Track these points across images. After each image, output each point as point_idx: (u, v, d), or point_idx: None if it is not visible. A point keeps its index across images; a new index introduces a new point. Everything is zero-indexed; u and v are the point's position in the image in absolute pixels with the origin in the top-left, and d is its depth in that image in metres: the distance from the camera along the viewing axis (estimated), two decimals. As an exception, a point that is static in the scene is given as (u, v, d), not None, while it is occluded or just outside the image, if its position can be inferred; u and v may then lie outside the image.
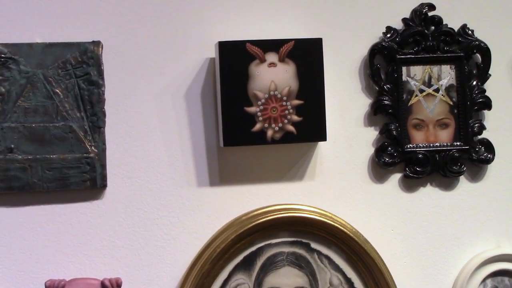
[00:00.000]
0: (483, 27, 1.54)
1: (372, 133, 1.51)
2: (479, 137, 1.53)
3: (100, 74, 1.39)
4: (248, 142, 1.41)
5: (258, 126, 1.40)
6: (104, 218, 1.41)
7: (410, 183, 1.52)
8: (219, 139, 1.44)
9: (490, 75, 1.53)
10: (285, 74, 1.42)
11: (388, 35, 1.51)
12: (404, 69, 1.52)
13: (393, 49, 1.50)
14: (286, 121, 1.41)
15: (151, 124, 1.43)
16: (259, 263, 1.43)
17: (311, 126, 1.42)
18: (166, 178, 1.44)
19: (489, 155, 1.53)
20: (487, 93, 1.53)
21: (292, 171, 1.48)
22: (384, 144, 1.50)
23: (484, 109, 1.53)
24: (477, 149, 1.53)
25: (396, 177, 1.51)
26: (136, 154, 1.43)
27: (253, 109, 1.40)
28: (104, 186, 1.40)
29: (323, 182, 1.49)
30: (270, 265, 1.43)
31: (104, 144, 1.40)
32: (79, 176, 1.38)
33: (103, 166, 1.39)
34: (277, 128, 1.41)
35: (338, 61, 1.50)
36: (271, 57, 1.41)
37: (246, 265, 1.42)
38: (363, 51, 1.51)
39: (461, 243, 1.53)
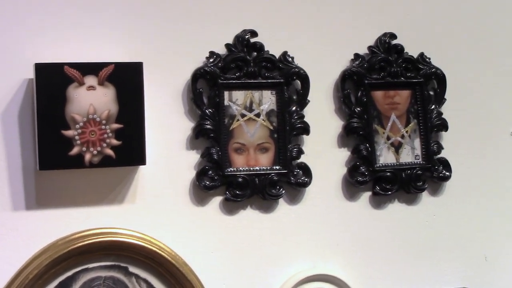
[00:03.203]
0: (303, 54, 1.59)
1: (193, 157, 1.53)
2: (298, 161, 1.58)
3: None
4: (65, 165, 1.39)
5: (75, 150, 1.39)
6: None
7: (231, 206, 1.55)
8: (35, 162, 1.41)
9: (309, 101, 1.59)
10: (104, 98, 1.41)
11: (211, 60, 1.53)
12: (226, 93, 1.55)
13: (215, 74, 1.53)
14: (105, 144, 1.41)
15: (-36, 146, 1.39)
16: (75, 288, 1.41)
17: (131, 150, 1.42)
18: (-21, 202, 1.39)
19: (306, 179, 1.58)
20: (305, 119, 1.59)
21: (112, 194, 1.47)
22: (205, 167, 1.52)
23: (303, 134, 1.59)
24: (295, 172, 1.58)
25: (217, 200, 1.54)
26: None
27: (70, 133, 1.39)
28: None
29: (143, 206, 1.49)
30: (87, 290, 1.42)
31: None
32: None
33: None
34: (95, 152, 1.40)
35: (161, 85, 1.50)
36: (90, 80, 1.40)
37: (61, 291, 1.40)
38: (186, 75, 1.52)
39: (279, 264, 1.57)
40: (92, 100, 1.40)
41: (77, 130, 1.39)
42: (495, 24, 1.75)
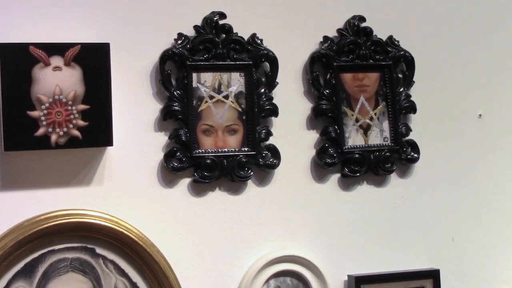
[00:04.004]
0: (272, 36, 1.59)
1: (162, 138, 1.53)
2: (266, 143, 1.58)
3: None
4: (31, 146, 1.39)
5: (41, 131, 1.38)
6: None
7: (199, 188, 1.55)
8: (1, 144, 1.40)
9: (277, 83, 1.59)
10: (70, 79, 1.40)
11: (180, 42, 1.53)
12: (194, 75, 1.54)
13: (184, 55, 1.52)
14: (71, 125, 1.40)
15: None
16: (41, 270, 1.40)
17: (97, 131, 1.42)
18: None
19: (275, 160, 1.58)
20: (274, 101, 1.59)
21: (79, 176, 1.46)
22: (173, 149, 1.52)
23: (271, 116, 1.59)
24: (263, 154, 1.58)
25: (185, 181, 1.54)
26: None
27: (36, 113, 1.38)
28: None
29: (111, 187, 1.48)
30: (53, 272, 1.41)
31: None
32: None
33: None
34: (61, 133, 1.39)
35: (129, 66, 1.50)
36: (56, 60, 1.39)
37: (27, 272, 1.39)
38: (155, 57, 1.52)
39: (247, 246, 1.58)
40: (58, 80, 1.39)
41: (43, 111, 1.38)
42: (464, 8, 1.76)
